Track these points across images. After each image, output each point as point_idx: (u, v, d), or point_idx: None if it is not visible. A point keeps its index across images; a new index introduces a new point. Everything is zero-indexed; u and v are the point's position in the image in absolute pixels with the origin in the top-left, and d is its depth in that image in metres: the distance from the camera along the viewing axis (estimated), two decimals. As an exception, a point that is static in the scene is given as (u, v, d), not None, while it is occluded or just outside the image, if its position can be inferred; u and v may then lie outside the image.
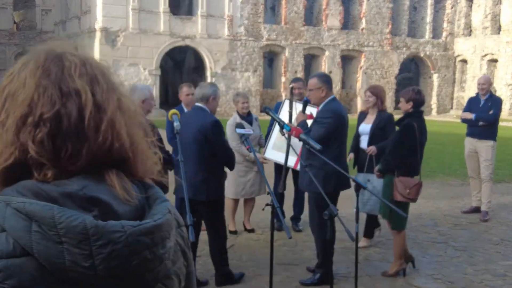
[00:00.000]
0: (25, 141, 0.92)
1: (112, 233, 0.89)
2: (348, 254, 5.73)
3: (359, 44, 31.59)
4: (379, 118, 5.90)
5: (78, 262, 0.87)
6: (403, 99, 5.15)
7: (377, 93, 5.97)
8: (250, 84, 28.64)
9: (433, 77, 34.11)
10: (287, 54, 29.63)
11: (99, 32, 25.32)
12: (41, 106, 0.93)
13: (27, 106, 0.93)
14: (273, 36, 29.26)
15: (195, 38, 27.24)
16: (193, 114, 4.77)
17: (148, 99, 4.49)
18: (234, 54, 28.24)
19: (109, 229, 0.89)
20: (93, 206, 0.92)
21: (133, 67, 25.90)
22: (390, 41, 32.36)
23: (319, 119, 4.81)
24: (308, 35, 30.17)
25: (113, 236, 0.89)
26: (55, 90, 0.94)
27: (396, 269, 5.17)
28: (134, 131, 1.02)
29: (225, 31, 27.93)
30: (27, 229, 0.87)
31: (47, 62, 0.99)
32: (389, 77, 32.66)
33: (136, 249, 0.90)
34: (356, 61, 32.09)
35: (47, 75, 0.96)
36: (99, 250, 0.88)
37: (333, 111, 4.83)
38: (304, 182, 4.94)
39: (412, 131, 4.96)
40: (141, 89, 4.67)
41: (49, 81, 0.95)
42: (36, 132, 0.92)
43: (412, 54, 33.47)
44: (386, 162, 5.14)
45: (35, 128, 0.92)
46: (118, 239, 0.89)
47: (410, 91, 5.19)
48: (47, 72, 0.97)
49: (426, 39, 33.76)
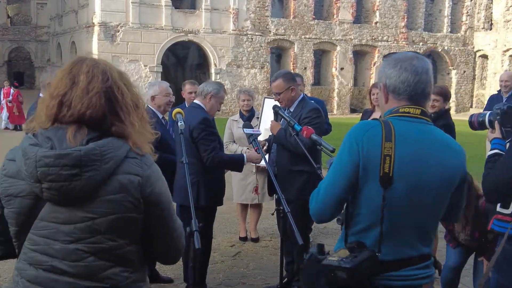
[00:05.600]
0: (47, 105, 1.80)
1: (46, 157, 1.67)
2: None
3: (372, 38, 31.52)
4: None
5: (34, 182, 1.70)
6: (440, 97, 5.22)
7: None
8: (257, 81, 28.64)
9: (451, 73, 33.98)
10: (296, 50, 29.61)
11: (98, 27, 25.39)
12: (58, 89, 1.79)
13: (53, 88, 1.80)
14: (281, 30, 29.24)
15: (198, 33, 27.27)
16: (186, 112, 4.68)
17: (158, 95, 4.80)
18: (240, 49, 28.24)
19: (43, 154, 1.67)
20: (49, 141, 1.72)
21: (133, 63, 25.96)
22: (406, 35, 32.26)
23: (306, 120, 4.62)
24: (318, 29, 30.13)
25: (44, 159, 1.67)
26: (68, 81, 1.79)
27: None
28: (113, 108, 1.77)
29: (230, 26, 27.95)
30: (21, 158, 1.71)
31: (71, 65, 1.84)
32: (405, 74, 32.52)
33: (56, 164, 1.66)
34: (369, 56, 32.02)
35: (68, 72, 1.81)
36: (39, 168, 1.67)
37: (317, 109, 4.79)
38: (293, 190, 4.54)
39: (454, 130, 5.07)
40: (150, 86, 5.02)
41: (68, 75, 1.81)
42: (50, 102, 1.78)
43: (429, 49, 33.34)
44: None
45: (51, 99, 1.78)
46: (46, 161, 1.66)
47: (446, 88, 5.36)
48: (68, 70, 1.82)
49: (444, 33, 33.64)
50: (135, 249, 1.80)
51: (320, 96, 27.80)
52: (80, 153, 1.65)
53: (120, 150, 1.73)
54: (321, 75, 32.25)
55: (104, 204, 1.70)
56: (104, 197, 1.70)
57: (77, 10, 28.69)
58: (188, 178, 3.38)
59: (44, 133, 1.74)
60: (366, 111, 6.65)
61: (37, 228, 1.72)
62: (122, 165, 1.72)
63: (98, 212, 1.70)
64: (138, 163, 1.76)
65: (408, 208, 2.11)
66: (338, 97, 30.97)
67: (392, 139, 2.08)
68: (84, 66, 1.79)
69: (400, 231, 2.15)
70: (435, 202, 2.17)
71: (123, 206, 1.71)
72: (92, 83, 1.75)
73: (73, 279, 1.71)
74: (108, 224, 1.70)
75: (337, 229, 7.09)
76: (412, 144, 2.12)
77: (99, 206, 1.69)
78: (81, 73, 1.77)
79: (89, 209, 1.69)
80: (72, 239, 1.70)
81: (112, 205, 1.70)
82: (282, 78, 4.76)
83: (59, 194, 1.67)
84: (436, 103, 5.27)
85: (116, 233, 1.73)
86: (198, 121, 4.39)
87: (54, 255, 1.71)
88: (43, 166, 1.66)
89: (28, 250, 1.74)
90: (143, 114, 1.86)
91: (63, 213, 1.70)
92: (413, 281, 2.18)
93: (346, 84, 31.16)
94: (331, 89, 31.06)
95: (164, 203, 1.81)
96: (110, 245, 1.73)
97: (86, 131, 1.73)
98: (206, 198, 4.50)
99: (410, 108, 2.18)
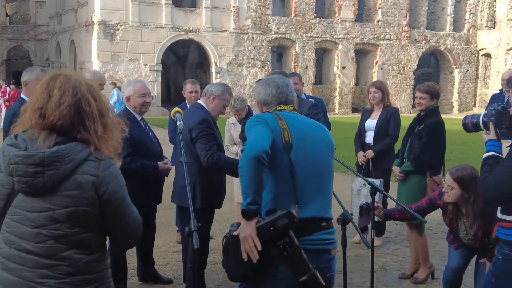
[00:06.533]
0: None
1: (16, 157, 2.06)
2: (363, 262, 5.70)
3: (374, 37, 31.51)
4: (385, 113, 6.21)
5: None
6: (427, 95, 5.27)
7: (383, 89, 6.30)
8: (258, 81, 28.62)
9: (454, 72, 33.96)
10: (297, 48, 29.61)
11: (97, 25, 25.41)
12: (38, 102, 2.15)
13: (34, 100, 2.18)
14: (282, 29, 29.24)
15: (199, 32, 27.27)
16: (188, 112, 4.62)
17: (132, 96, 4.57)
18: (241, 48, 28.25)
19: (15, 154, 2.06)
20: (24, 143, 2.11)
21: (133, 62, 25.98)
22: (408, 34, 32.25)
23: (308, 117, 4.64)
24: (319, 28, 30.12)
25: (15, 158, 2.06)
26: (45, 95, 2.14)
27: (427, 274, 5.24)
28: (81, 118, 2.12)
29: (231, 24, 27.95)
30: (1, 156, 2.11)
31: (47, 80, 2.19)
32: (407, 73, 32.56)
33: (24, 163, 2.05)
34: (371, 55, 32.01)
35: (45, 87, 2.17)
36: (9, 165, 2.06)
37: (316, 105, 4.79)
38: None
39: (443, 128, 5.14)
40: (126, 86, 4.84)
41: (45, 89, 2.17)
42: (32, 113, 2.15)
43: (432, 48, 33.33)
44: (419, 161, 5.23)
45: (33, 111, 2.15)
46: (16, 159, 2.06)
47: (433, 86, 5.40)
48: (45, 85, 2.17)
49: (447, 31, 33.62)
50: (91, 237, 2.16)
51: (321, 95, 27.81)
52: (44, 155, 2.05)
53: (80, 153, 2.10)
54: (323, 74, 32.23)
55: (63, 198, 2.07)
56: (64, 192, 2.07)
57: (77, 8, 28.70)
58: (187, 177, 3.38)
59: (22, 135, 2.15)
60: (366, 110, 6.68)
61: (10, 213, 2.13)
62: (82, 167, 2.09)
63: (58, 204, 2.08)
64: (96, 166, 2.11)
65: (309, 170, 2.73)
66: (339, 97, 30.96)
67: (282, 119, 2.73)
68: (57, 82, 2.15)
69: (307, 193, 2.73)
70: (325, 166, 2.84)
71: (79, 201, 2.08)
72: (64, 97, 2.12)
73: (37, 258, 2.10)
74: (65, 215, 2.08)
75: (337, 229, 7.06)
76: (297, 122, 2.82)
77: (59, 200, 2.08)
78: (55, 88, 2.14)
79: (51, 201, 2.08)
80: (36, 225, 2.10)
81: (70, 200, 2.07)
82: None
83: (26, 187, 2.06)
84: (423, 100, 5.30)
85: (73, 222, 2.10)
86: (197, 121, 4.35)
87: (22, 237, 2.11)
88: (13, 163, 2.06)
89: (4, 231, 2.16)
90: (107, 121, 2.20)
91: (30, 203, 2.09)
92: (324, 246, 2.75)
93: (348, 83, 31.15)
94: (332, 88, 31.05)
95: (118, 199, 2.16)
96: (67, 232, 2.11)
97: (55, 136, 2.12)
98: (202, 200, 4.44)
99: (284, 106, 2.88)
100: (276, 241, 2.56)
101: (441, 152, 5.32)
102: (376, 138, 6.19)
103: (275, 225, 2.53)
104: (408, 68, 32.62)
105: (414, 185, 5.24)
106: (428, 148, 5.21)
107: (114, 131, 2.22)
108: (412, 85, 31.89)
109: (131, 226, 2.24)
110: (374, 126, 6.25)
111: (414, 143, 5.32)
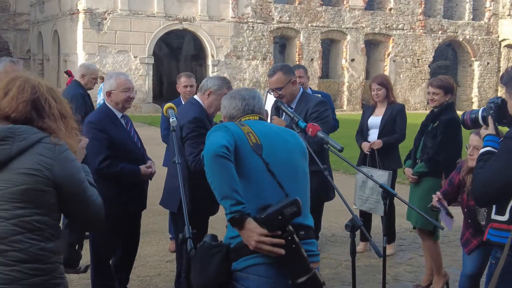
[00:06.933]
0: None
1: None
2: (373, 273, 5.70)
3: (386, 27, 31.49)
4: (390, 110, 6.23)
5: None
6: (440, 90, 5.27)
7: (386, 84, 6.30)
8: (259, 74, 28.64)
9: (473, 65, 33.94)
10: (302, 39, 29.59)
11: (83, 14, 25.40)
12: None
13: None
14: (285, 17, 29.23)
15: (194, 21, 27.26)
16: (181, 108, 4.58)
17: (115, 91, 4.43)
18: (240, 39, 28.24)
19: None
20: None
21: (122, 54, 25.97)
22: (423, 23, 32.23)
23: (314, 114, 4.62)
24: (326, 17, 30.11)
25: None
26: (2, 93, 2.44)
27: (442, 283, 5.24)
28: (41, 115, 2.42)
29: (229, 13, 27.94)
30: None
31: (8, 81, 2.47)
32: (422, 66, 32.54)
33: None
34: (383, 46, 32.00)
35: (4, 87, 2.45)
36: None
37: (324, 101, 4.76)
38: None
39: (459, 125, 5.05)
40: (106, 79, 4.67)
41: (3, 90, 2.45)
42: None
43: (449, 38, 33.31)
44: (433, 162, 5.23)
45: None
46: None
47: (447, 80, 5.36)
48: (4, 86, 2.45)
49: (466, 20, 33.59)
50: (45, 221, 2.37)
51: (328, 90, 27.78)
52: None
53: (35, 134, 2.37)
54: (330, 67, 32.22)
55: (17, 176, 2.31)
56: (18, 170, 2.31)
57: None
58: (180, 180, 3.37)
59: None
60: (368, 106, 6.66)
61: None
62: (37, 147, 2.35)
63: (12, 182, 2.30)
64: (51, 148, 2.37)
65: (283, 170, 2.76)
66: (348, 92, 30.94)
67: (245, 125, 2.83)
68: (17, 82, 2.45)
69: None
70: (299, 169, 2.90)
71: (33, 179, 2.31)
72: (21, 93, 2.41)
73: None
74: (19, 193, 2.30)
75: (346, 237, 7.10)
76: (262, 125, 2.94)
77: (13, 178, 2.31)
78: (13, 87, 2.43)
79: (4, 178, 2.31)
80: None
81: (24, 178, 2.30)
82: (281, 71, 4.73)
83: None
84: (436, 96, 5.30)
85: (26, 202, 2.31)
86: (189, 120, 4.28)
87: None
88: None
89: None
90: (69, 123, 2.52)
91: None
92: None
93: (357, 77, 31.13)
94: (340, 83, 31.03)
95: (74, 183, 2.41)
96: (20, 213, 2.30)
97: (10, 123, 2.41)
98: (191, 205, 4.18)
99: (249, 116, 3.00)
100: (282, 232, 2.55)
101: (457, 152, 5.27)
102: (381, 136, 6.19)
103: (283, 213, 2.53)
104: (423, 61, 32.59)
105: (428, 188, 5.19)
106: (443, 148, 5.20)
107: (74, 136, 2.56)
108: (428, 79, 31.79)
109: (90, 208, 2.48)
110: (379, 124, 6.25)
111: (428, 142, 5.31)
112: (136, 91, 26.40)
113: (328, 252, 6.40)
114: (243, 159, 2.69)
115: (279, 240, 2.53)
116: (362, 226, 3.39)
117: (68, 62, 26.74)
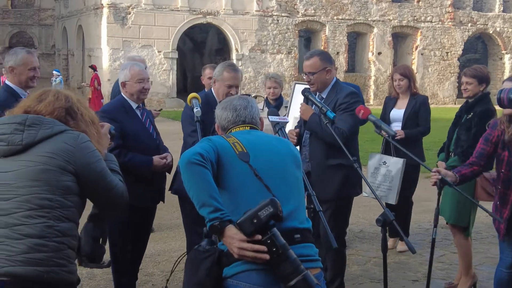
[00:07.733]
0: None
1: (2, 120, 2.67)
2: (404, 270, 5.60)
3: (414, 19, 31.17)
4: (413, 102, 6.13)
5: None
6: (474, 79, 5.13)
7: (409, 75, 6.20)
8: (284, 68, 28.55)
9: (504, 58, 33.43)
10: (328, 32, 29.44)
11: (107, 8, 25.56)
12: (25, 105, 2.76)
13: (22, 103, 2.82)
14: (310, 10, 29.09)
15: (218, 15, 27.26)
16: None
17: (129, 82, 4.37)
18: (265, 32, 28.17)
19: (1, 119, 2.70)
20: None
21: (146, 49, 26.08)
22: (452, 15, 31.83)
23: (343, 106, 4.50)
24: (352, 9, 29.90)
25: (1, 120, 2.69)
26: (35, 101, 2.73)
27: (469, 285, 5.13)
28: (75, 120, 2.71)
29: (253, 6, 27.87)
30: None
31: (39, 93, 2.77)
32: (451, 59, 32.14)
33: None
34: (410, 39, 31.69)
35: (36, 98, 2.75)
36: None
37: (355, 92, 4.64)
38: (331, 188, 4.50)
39: (495, 117, 4.87)
40: (121, 69, 4.59)
41: (36, 99, 2.76)
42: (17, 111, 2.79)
43: (479, 31, 32.85)
44: (468, 155, 5.02)
45: (18, 109, 2.77)
46: (1, 120, 2.67)
47: (481, 70, 5.23)
48: (37, 96, 2.76)
49: (496, 12, 33.10)
50: (60, 200, 2.52)
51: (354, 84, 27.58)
52: (27, 117, 2.61)
53: (60, 126, 2.61)
54: (356, 61, 32.02)
55: (37, 157, 2.51)
56: (39, 153, 2.52)
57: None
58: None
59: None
60: (389, 98, 6.50)
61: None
62: (61, 135, 2.58)
63: (31, 163, 2.51)
64: (74, 138, 2.60)
65: (271, 174, 2.73)
66: (375, 86, 30.71)
67: (231, 136, 2.83)
68: (51, 92, 2.74)
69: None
70: (290, 173, 2.86)
71: (52, 161, 2.52)
72: (58, 101, 2.69)
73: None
74: (36, 171, 2.50)
75: (375, 232, 7.01)
76: (249, 135, 2.91)
77: (33, 159, 2.52)
78: (48, 96, 2.71)
79: (24, 159, 2.52)
80: (2, 182, 2.53)
81: (44, 159, 2.51)
82: (318, 57, 4.64)
83: (6, 144, 2.54)
84: (469, 86, 5.15)
85: (42, 181, 2.49)
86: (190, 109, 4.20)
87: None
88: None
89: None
90: (98, 129, 2.82)
91: (2, 164, 2.55)
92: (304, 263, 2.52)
93: (384, 71, 30.85)
94: (367, 77, 30.81)
95: (92, 169, 2.61)
96: (34, 190, 2.48)
97: None
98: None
99: (239, 127, 2.98)
100: (262, 236, 2.46)
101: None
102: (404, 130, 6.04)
103: (258, 216, 2.44)
104: (452, 54, 32.18)
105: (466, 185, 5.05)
106: (477, 141, 5.04)
107: (103, 139, 2.85)
108: (457, 72, 31.42)
109: (111, 192, 2.70)
110: (402, 117, 6.13)
111: (462, 135, 5.17)
112: (168, 86, 26.67)
113: (356, 248, 6.31)
114: (229, 167, 2.69)
115: (260, 246, 2.44)
116: (394, 221, 3.30)
117: (93, 57, 26.96)
